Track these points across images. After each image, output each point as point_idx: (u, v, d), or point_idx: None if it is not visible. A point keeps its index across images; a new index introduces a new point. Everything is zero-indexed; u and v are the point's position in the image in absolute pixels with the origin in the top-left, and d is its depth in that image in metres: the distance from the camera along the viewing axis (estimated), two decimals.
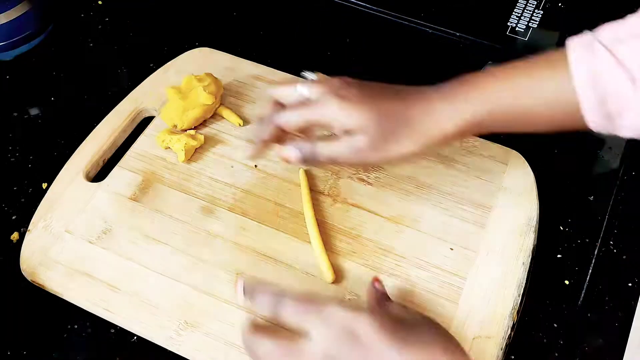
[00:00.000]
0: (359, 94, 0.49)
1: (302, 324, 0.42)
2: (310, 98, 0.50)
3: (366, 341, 0.41)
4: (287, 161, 0.50)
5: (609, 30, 0.46)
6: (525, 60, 0.49)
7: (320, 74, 0.53)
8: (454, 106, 0.48)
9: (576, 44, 0.46)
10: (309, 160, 0.50)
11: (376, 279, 0.50)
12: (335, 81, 0.51)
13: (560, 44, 0.65)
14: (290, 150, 0.50)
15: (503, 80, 0.48)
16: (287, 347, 0.42)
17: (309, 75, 0.52)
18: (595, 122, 0.46)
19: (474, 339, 0.50)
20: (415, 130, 0.48)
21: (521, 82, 0.48)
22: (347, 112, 0.48)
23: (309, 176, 0.60)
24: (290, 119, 0.50)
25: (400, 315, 0.45)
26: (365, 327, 0.41)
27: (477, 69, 0.66)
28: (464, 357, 0.43)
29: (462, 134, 0.49)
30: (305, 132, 0.52)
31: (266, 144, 0.51)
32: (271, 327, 0.45)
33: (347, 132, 0.48)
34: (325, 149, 0.49)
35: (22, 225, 0.59)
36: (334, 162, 0.50)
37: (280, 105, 0.51)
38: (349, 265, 0.54)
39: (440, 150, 0.61)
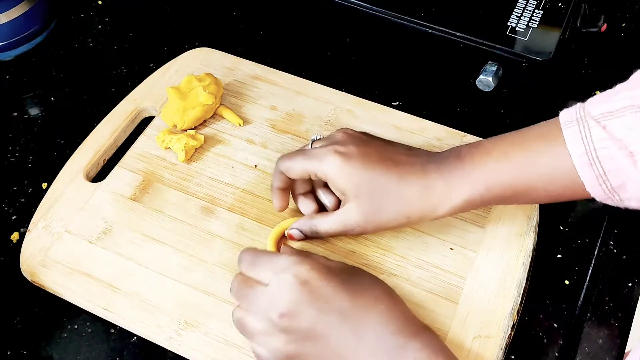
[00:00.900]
0: (357, 154, 0.50)
1: (258, 274, 0.47)
2: (314, 148, 0.52)
3: (315, 285, 0.44)
4: (293, 238, 0.54)
5: (600, 104, 0.46)
6: (519, 133, 0.49)
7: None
8: (452, 185, 0.48)
9: (568, 120, 0.46)
10: (312, 237, 0.54)
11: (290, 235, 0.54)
12: (338, 136, 0.52)
13: (561, 44, 0.65)
14: (293, 231, 0.54)
15: (499, 157, 0.48)
16: (250, 288, 0.47)
17: (316, 137, 0.55)
18: (599, 196, 0.46)
19: (474, 339, 0.50)
20: (409, 207, 0.49)
21: (518, 158, 0.47)
22: (342, 174, 0.49)
23: None
24: (290, 167, 0.52)
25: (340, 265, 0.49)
26: (312, 272, 0.45)
27: (477, 69, 0.66)
28: (399, 300, 0.47)
29: (457, 212, 0.49)
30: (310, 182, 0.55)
31: (280, 191, 0.54)
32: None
33: (342, 195, 0.51)
34: (321, 226, 0.52)
35: (22, 225, 0.59)
36: (332, 235, 0.54)
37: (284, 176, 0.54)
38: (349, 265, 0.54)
39: (439, 150, 0.61)
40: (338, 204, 0.54)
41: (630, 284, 0.55)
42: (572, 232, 0.58)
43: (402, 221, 0.50)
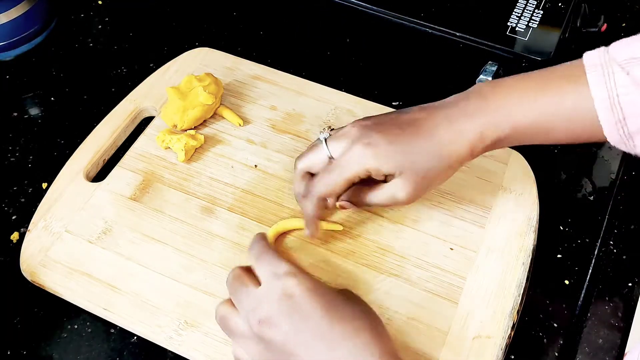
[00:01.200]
0: (382, 138, 0.49)
1: (257, 270, 0.47)
2: (337, 157, 0.51)
3: (298, 301, 0.44)
4: (344, 208, 0.53)
5: (625, 48, 0.46)
6: (543, 73, 0.49)
7: (332, 128, 0.54)
8: (478, 126, 0.49)
9: (593, 63, 0.47)
10: (361, 206, 0.53)
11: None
12: (353, 131, 0.51)
13: (561, 44, 0.65)
14: (345, 203, 0.53)
15: (523, 96, 0.48)
16: (243, 286, 0.46)
17: (322, 135, 0.53)
18: (614, 140, 0.47)
19: (474, 339, 0.50)
20: (450, 158, 0.49)
21: (542, 99, 0.48)
22: (381, 160, 0.49)
23: None
24: (332, 188, 0.51)
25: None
26: (299, 287, 0.44)
27: (477, 69, 0.66)
28: (384, 338, 0.45)
29: (486, 149, 0.50)
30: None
31: (316, 218, 0.53)
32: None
33: (388, 177, 0.50)
34: (371, 199, 0.51)
35: (22, 225, 0.59)
36: (382, 205, 0.52)
37: (310, 175, 0.53)
38: (348, 265, 0.54)
39: None
40: None
41: (630, 284, 0.55)
42: (572, 232, 0.58)
43: (448, 172, 0.50)
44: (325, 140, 0.52)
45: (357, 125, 0.51)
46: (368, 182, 0.52)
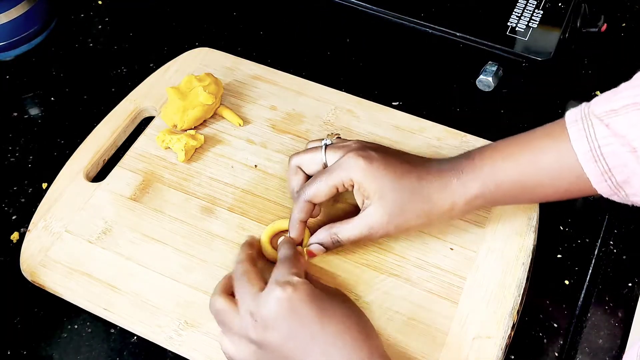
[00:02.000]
0: (379, 158, 0.51)
1: (265, 274, 0.48)
2: (331, 161, 0.52)
3: (295, 305, 0.45)
4: (313, 255, 0.53)
5: (603, 102, 0.47)
6: (525, 134, 0.51)
7: (336, 137, 0.56)
8: (464, 183, 0.50)
9: (573, 119, 0.48)
10: (333, 248, 0.53)
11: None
12: (354, 145, 0.53)
13: (561, 44, 0.65)
14: (313, 246, 0.53)
15: (507, 155, 0.50)
16: (248, 283, 0.47)
17: (326, 140, 0.54)
18: (605, 192, 0.48)
19: (474, 339, 0.50)
20: (430, 205, 0.50)
21: (524, 156, 0.49)
22: (370, 175, 0.50)
23: None
24: (317, 191, 0.51)
25: (320, 285, 0.49)
26: (297, 293, 0.45)
27: (477, 69, 0.66)
28: (371, 335, 0.46)
29: (471, 209, 0.51)
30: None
31: (303, 223, 0.53)
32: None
33: (366, 198, 0.50)
34: (343, 233, 0.52)
35: (22, 225, 0.59)
36: (355, 242, 0.52)
37: (303, 173, 0.54)
38: (348, 265, 0.54)
39: (440, 150, 0.61)
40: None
41: (630, 284, 0.55)
42: (572, 232, 0.58)
43: (423, 220, 0.51)
44: (326, 146, 0.53)
45: (360, 142, 0.53)
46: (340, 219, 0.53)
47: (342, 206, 0.58)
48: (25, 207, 0.60)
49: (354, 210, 0.52)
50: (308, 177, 0.55)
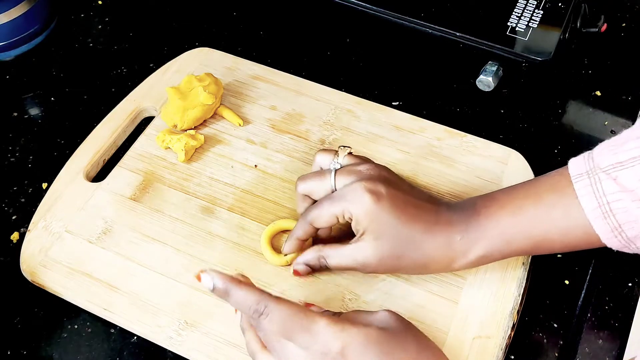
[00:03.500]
0: (386, 196, 0.48)
1: (286, 336, 0.43)
2: (339, 186, 0.50)
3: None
4: (298, 274, 0.52)
5: (608, 155, 0.45)
6: (530, 184, 0.49)
7: (350, 153, 0.53)
8: (469, 241, 0.48)
9: (578, 173, 0.46)
10: (319, 268, 0.52)
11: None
12: (366, 173, 0.50)
13: (561, 44, 0.65)
14: (299, 266, 0.52)
15: (514, 210, 0.48)
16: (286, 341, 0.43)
17: (334, 164, 0.52)
18: (616, 246, 0.47)
19: (474, 339, 0.50)
20: (429, 259, 0.49)
21: (532, 211, 0.47)
22: (370, 215, 0.47)
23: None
24: (318, 216, 0.50)
25: (384, 323, 0.45)
26: (353, 344, 0.42)
27: (477, 69, 0.66)
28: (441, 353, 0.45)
29: (473, 266, 0.50)
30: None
31: (300, 241, 0.52)
32: None
33: (362, 233, 0.48)
34: (332, 260, 0.50)
35: (22, 225, 0.59)
36: (344, 268, 0.51)
37: (310, 200, 0.52)
38: None
39: (440, 150, 0.61)
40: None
41: (630, 284, 0.55)
42: None
43: (417, 270, 0.50)
44: (336, 171, 0.51)
45: (373, 169, 0.50)
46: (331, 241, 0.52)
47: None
48: (25, 207, 0.60)
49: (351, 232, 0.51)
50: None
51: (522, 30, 0.65)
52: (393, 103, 0.67)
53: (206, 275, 0.43)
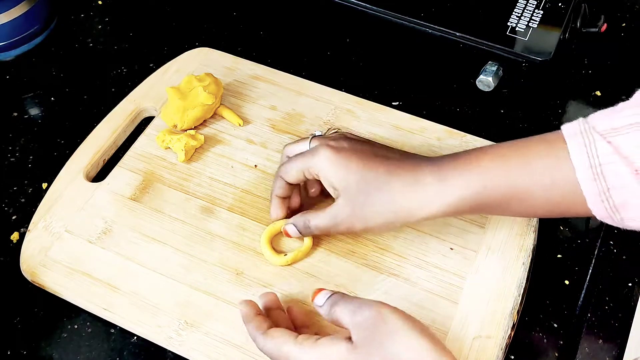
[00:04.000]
0: (348, 149, 0.50)
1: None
2: (307, 149, 0.53)
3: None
4: (288, 235, 0.54)
5: (604, 120, 0.44)
6: (519, 140, 0.47)
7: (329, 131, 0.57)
8: (443, 183, 0.46)
9: (573, 132, 0.45)
10: (305, 233, 0.53)
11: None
12: (335, 136, 0.52)
13: (561, 44, 0.65)
14: (290, 228, 0.54)
15: (496, 157, 0.46)
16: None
17: (317, 131, 0.56)
18: (600, 213, 0.45)
19: (474, 338, 0.50)
20: (395, 201, 0.48)
21: (516, 159, 0.46)
22: (332, 167, 0.49)
23: None
24: (288, 169, 0.52)
25: (363, 329, 0.45)
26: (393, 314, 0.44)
27: (477, 69, 0.66)
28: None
29: (447, 214, 0.47)
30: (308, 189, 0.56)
31: (279, 199, 0.54)
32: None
33: (334, 189, 0.50)
34: (313, 221, 0.52)
35: (22, 225, 0.59)
36: (325, 232, 0.53)
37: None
38: (348, 265, 0.54)
39: (439, 150, 0.61)
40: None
41: (630, 284, 0.55)
42: (572, 232, 0.58)
43: (388, 217, 0.48)
44: (313, 137, 0.54)
45: (342, 134, 0.53)
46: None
47: None
48: (25, 207, 0.60)
49: None
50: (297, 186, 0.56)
51: (522, 30, 0.65)
52: (393, 103, 0.67)
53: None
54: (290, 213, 0.55)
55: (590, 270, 0.56)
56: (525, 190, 0.46)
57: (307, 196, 0.57)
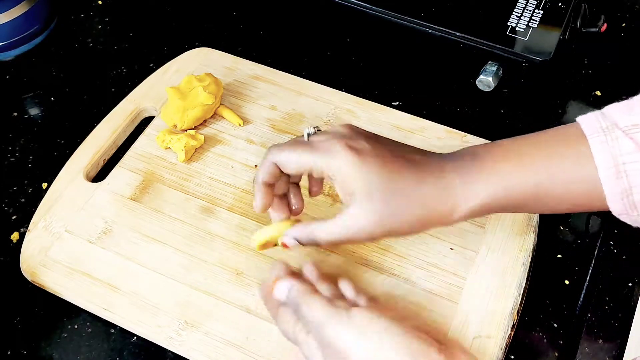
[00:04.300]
0: (371, 152, 0.44)
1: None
2: (314, 140, 0.46)
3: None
4: (287, 248, 0.48)
5: (624, 115, 0.43)
6: (538, 135, 0.46)
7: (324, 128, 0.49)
8: (469, 186, 0.44)
9: (593, 129, 0.44)
10: (308, 245, 0.47)
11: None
12: (343, 130, 0.46)
13: (561, 44, 0.65)
14: (289, 240, 0.48)
15: (521, 157, 0.45)
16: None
17: (310, 130, 0.47)
18: (617, 210, 0.44)
19: (474, 338, 0.50)
20: (427, 210, 0.44)
21: (540, 160, 0.44)
22: (355, 173, 0.43)
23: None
24: (289, 158, 0.46)
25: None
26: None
27: (477, 69, 0.66)
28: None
29: (474, 215, 0.46)
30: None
31: (267, 186, 0.48)
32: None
33: (349, 195, 0.44)
34: (321, 235, 0.46)
35: (22, 225, 0.59)
36: (335, 245, 0.48)
37: (278, 170, 0.48)
38: (349, 265, 0.54)
39: (440, 150, 0.61)
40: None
41: (630, 284, 0.55)
42: (572, 232, 0.58)
43: (416, 227, 0.45)
44: (309, 136, 0.47)
45: (349, 127, 0.47)
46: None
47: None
48: (25, 207, 0.60)
49: None
50: (285, 175, 0.49)
51: (522, 30, 0.65)
52: (393, 103, 0.67)
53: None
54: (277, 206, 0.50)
55: (590, 270, 0.56)
56: (547, 191, 0.45)
57: (290, 190, 0.51)
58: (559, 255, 0.57)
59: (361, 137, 0.46)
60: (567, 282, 0.55)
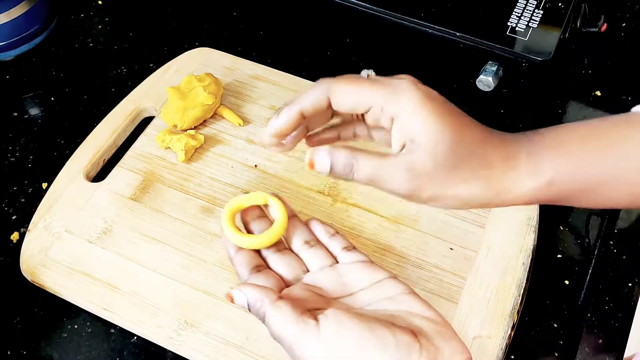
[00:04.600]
0: (441, 99, 0.39)
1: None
2: (376, 78, 0.40)
3: None
4: (313, 168, 0.39)
5: None
6: (594, 121, 0.41)
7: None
8: (536, 160, 0.39)
9: None
10: (341, 176, 0.39)
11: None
12: (410, 77, 0.41)
13: (561, 44, 0.65)
14: (322, 158, 0.39)
15: (585, 136, 0.40)
16: None
17: (366, 71, 0.42)
18: None
19: (474, 338, 0.50)
20: (492, 179, 0.38)
21: (604, 142, 0.40)
22: (422, 113, 0.37)
23: (308, 175, 0.60)
24: (348, 89, 0.39)
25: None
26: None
27: (477, 69, 0.66)
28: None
29: (534, 199, 0.40)
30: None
31: (301, 117, 0.40)
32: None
33: (409, 140, 0.38)
34: (368, 166, 0.38)
35: (22, 225, 0.59)
36: (373, 184, 0.39)
37: (305, 123, 0.42)
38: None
39: None
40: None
41: (630, 284, 0.55)
42: (572, 232, 0.58)
43: (472, 193, 0.38)
44: (368, 77, 0.41)
45: (416, 80, 0.40)
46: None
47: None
48: (25, 207, 0.60)
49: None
50: (323, 116, 0.42)
51: (522, 30, 0.65)
52: None
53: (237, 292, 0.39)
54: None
55: (590, 270, 0.56)
56: (612, 176, 0.40)
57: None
58: (559, 255, 0.57)
59: (431, 89, 0.40)
60: (567, 282, 0.55)
